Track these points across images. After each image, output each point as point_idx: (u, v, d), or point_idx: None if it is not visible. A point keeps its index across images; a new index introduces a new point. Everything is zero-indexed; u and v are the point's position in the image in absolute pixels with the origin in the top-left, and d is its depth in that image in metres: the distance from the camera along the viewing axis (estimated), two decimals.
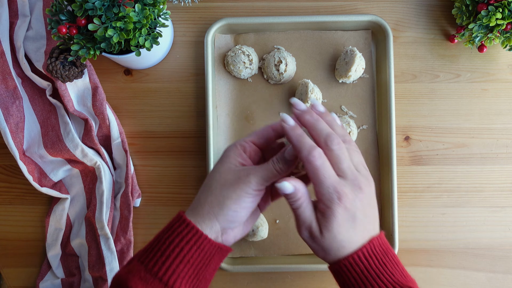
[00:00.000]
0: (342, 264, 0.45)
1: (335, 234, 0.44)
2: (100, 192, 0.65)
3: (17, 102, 0.65)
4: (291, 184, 0.44)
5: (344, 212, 0.44)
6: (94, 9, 0.53)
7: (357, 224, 0.45)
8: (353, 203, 0.45)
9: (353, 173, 0.45)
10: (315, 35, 0.69)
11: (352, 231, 0.45)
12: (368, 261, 0.45)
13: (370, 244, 0.46)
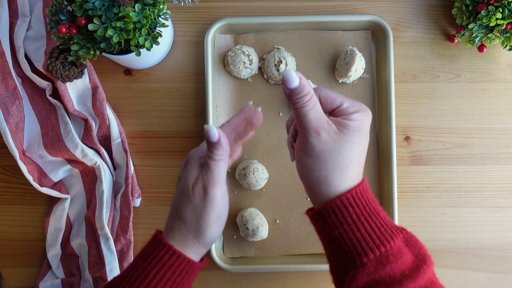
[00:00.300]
0: (339, 201, 0.42)
1: (350, 139, 0.42)
2: (100, 192, 0.65)
3: (17, 102, 0.65)
4: (297, 75, 0.41)
5: (360, 125, 0.42)
6: (94, 9, 0.53)
7: (363, 148, 0.43)
8: (367, 121, 0.43)
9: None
10: (315, 35, 0.69)
11: (356, 154, 0.42)
12: (365, 198, 0.42)
13: (363, 182, 0.43)
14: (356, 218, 0.41)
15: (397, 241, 0.41)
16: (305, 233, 0.68)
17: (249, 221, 0.65)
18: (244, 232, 0.65)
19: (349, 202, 0.41)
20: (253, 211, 0.66)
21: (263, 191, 0.68)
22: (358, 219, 0.41)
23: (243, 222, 0.65)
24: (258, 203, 0.68)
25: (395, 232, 0.41)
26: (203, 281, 0.69)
